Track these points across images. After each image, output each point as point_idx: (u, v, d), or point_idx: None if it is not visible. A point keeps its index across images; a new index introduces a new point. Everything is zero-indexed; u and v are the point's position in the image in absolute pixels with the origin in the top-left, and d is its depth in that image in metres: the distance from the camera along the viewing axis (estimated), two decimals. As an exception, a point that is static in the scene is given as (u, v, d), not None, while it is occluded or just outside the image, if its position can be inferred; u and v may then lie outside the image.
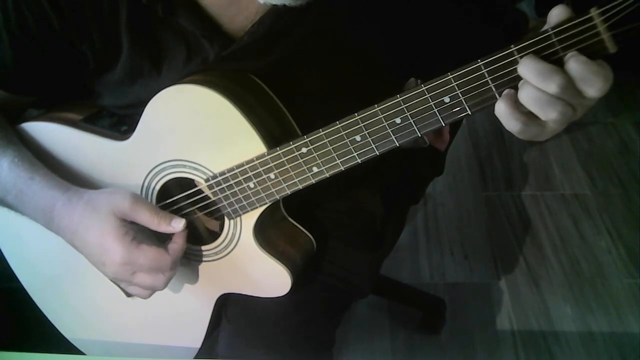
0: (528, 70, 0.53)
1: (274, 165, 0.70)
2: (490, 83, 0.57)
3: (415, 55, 0.76)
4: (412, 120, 0.62)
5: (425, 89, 0.60)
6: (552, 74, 0.53)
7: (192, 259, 0.82)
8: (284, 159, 0.70)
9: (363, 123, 0.64)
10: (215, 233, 0.81)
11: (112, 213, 0.71)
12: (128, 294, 0.85)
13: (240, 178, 0.72)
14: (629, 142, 2.04)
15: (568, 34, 0.52)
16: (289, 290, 0.78)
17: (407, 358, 1.46)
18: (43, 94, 0.83)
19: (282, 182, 0.71)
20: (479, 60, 0.56)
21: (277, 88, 0.74)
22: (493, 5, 0.79)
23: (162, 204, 0.80)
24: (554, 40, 0.53)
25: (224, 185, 0.74)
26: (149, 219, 0.72)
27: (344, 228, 0.92)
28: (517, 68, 0.54)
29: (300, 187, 0.71)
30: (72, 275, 0.88)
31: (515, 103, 0.56)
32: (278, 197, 0.73)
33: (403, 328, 1.51)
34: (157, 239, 0.75)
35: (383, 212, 0.96)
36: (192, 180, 0.77)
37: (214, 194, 0.75)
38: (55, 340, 0.96)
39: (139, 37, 0.72)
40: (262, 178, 0.72)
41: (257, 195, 0.73)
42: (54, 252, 0.85)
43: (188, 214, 0.81)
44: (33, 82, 0.78)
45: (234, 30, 0.73)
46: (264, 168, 0.71)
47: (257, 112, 0.70)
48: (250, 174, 0.72)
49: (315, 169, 0.69)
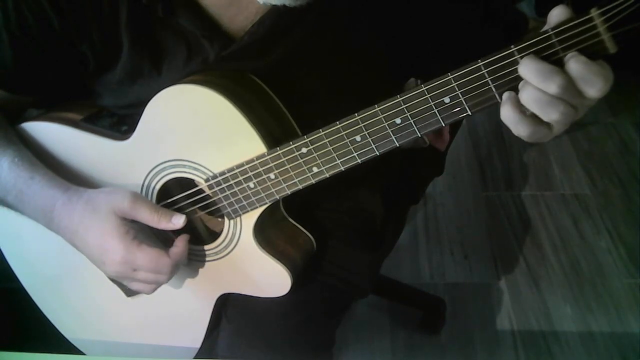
0: (529, 71, 0.53)
1: (274, 165, 0.70)
2: (491, 83, 0.57)
3: (415, 56, 0.76)
4: (412, 121, 0.62)
5: (426, 89, 0.60)
6: (552, 75, 0.53)
7: (192, 259, 0.82)
8: (284, 159, 0.70)
9: (363, 123, 0.64)
10: (215, 233, 0.81)
11: (112, 212, 0.71)
12: (128, 294, 0.86)
13: (240, 178, 0.72)
14: (629, 142, 2.04)
15: (568, 34, 0.52)
16: (289, 290, 0.78)
17: (407, 358, 1.46)
18: (43, 94, 0.83)
19: (282, 182, 0.71)
20: (479, 61, 0.56)
21: (277, 88, 0.73)
22: (493, 6, 0.79)
23: (162, 204, 0.79)
24: (554, 41, 0.53)
25: (224, 185, 0.74)
26: (149, 217, 0.72)
27: (344, 228, 0.92)
28: (517, 68, 0.54)
29: (300, 187, 0.71)
30: (72, 275, 0.88)
31: (520, 107, 0.56)
32: (278, 197, 0.73)
33: (403, 328, 1.51)
34: (158, 240, 0.76)
35: (383, 212, 0.96)
36: (192, 180, 0.77)
37: (214, 194, 0.75)
38: (55, 340, 0.96)
39: (139, 37, 0.72)
40: (262, 178, 0.72)
41: (257, 195, 0.73)
42: (54, 252, 0.85)
43: (188, 214, 0.81)
44: (33, 82, 0.78)
45: (234, 30, 0.73)
46: (264, 168, 0.71)
47: (257, 112, 0.70)
48: (250, 174, 0.72)
49: (315, 169, 0.69)
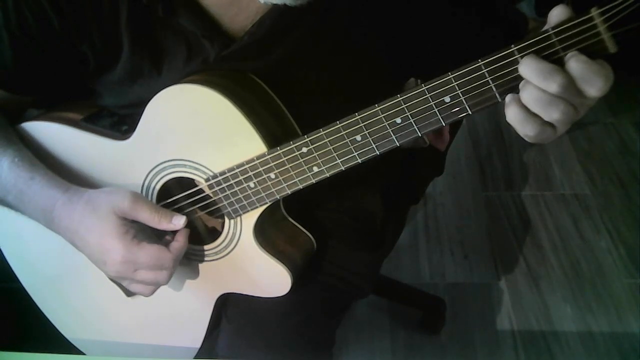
0: (529, 70, 0.53)
1: (274, 165, 0.70)
2: (491, 83, 0.57)
3: (415, 56, 0.76)
4: (412, 120, 0.62)
5: (426, 89, 0.60)
6: (553, 74, 0.53)
7: (192, 259, 0.82)
8: (285, 159, 0.70)
9: (363, 123, 0.64)
10: (216, 233, 0.81)
11: (112, 212, 0.71)
12: (128, 294, 0.86)
13: (241, 178, 0.72)
14: (629, 142, 2.04)
15: (568, 34, 0.52)
16: (289, 290, 0.78)
17: (407, 358, 1.46)
18: (43, 94, 0.83)
19: (282, 181, 0.71)
20: (480, 60, 0.56)
21: (277, 88, 0.73)
22: (493, 6, 0.79)
23: (162, 204, 0.79)
24: (554, 40, 0.53)
25: (224, 185, 0.74)
26: (150, 217, 0.72)
27: (344, 228, 0.91)
28: (518, 68, 0.54)
29: (301, 186, 0.71)
30: (72, 275, 0.88)
31: (525, 106, 0.56)
32: (278, 196, 0.73)
33: (403, 328, 1.51)
34: (158, 238, 0.76)
35: (383, 212, 0.96)
36: (192, 180, 0.77)
37: (214, 194, 0.75)
38: (55, 340, 0.96)
39: (140, 37, 0.72)
40: (262, 178, 0.72)
41: (257, 195, 0.73)
42: (54, 252, 0.85)
43: (188, 214, 0.81)
44: (33, 81, 0.78)
45: (235, 30, 0.73)
46: (264, 168, 0.71)
47: (257, 111, 0.70)
48: (251, 174, 0.72)
49: (316, 169, 0.69)
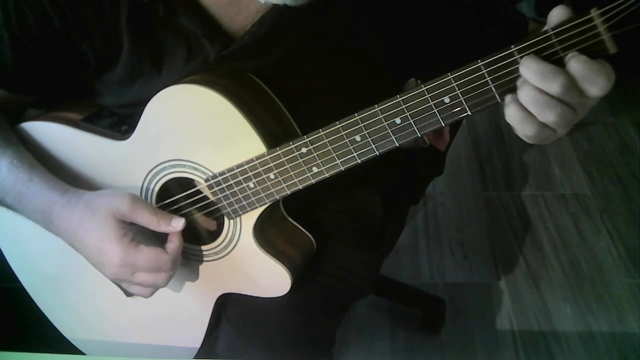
0: (530, 71, 0.53)
1: (274, 165, 0.70)
2: (490, 83, 0.57)
3: (415, 56, 0.76)
4: (412, 121, 0.62)
5: (425, 89, 0.60)
6: (554, 75, 0.52)
7: (192, 259, 0.82)
8: (284, 159, 0.70)
9: (363, 123, 0.64)
10: (215, 233, 0.81)
11: (111, 215, 0.71)
12: (128, 294, 0.85)
13: (240, 178, 0.72)
14: (629, 142, 2.04)
15: (568, 35, 0.52)
16: (289, 290, 0.78)
17: (407, 358, 1.46)
18: (43, 93, 0.83)
19: (281, 182, 0.71)
20: (479, 61, 0.56)
21: (277, 88, 0.73)
22: (493, 6, 0.79)
23: (161, 204, 0.80)
24: (554, 41, 0.53)
25: (224, 185, 0.74)
26: (149, 220, 0.72)
27: (344, 228, 0.91)
28: (518, 68, 0.54)
29: (300, 187, 0.71)
30: (72, 275, 0.88)
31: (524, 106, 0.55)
32: (278, 197, 0.73)
33: (403, 328, 1.51)
34: (157, 240, 0.75)
35: (383, 212, 0.96)
36: (191, 180, 0.77)
37: (214, 194, 0.75)
38: (55, 340, 0.96)
39: (140, 36, 0.72)
40: (261, 178, 0.72)
41: (256, 195, 0.73)
42: (54, 252, 0.84)
43: (188, 214, 0.81)
44: (33, 81, 0.78)
45: (235, 30, 0.73)
46: (264, 168, 0.71)
47: (257, 112, 0.70)
48: (250, 174, 0.72)
49: (315, 169, 0.69)
